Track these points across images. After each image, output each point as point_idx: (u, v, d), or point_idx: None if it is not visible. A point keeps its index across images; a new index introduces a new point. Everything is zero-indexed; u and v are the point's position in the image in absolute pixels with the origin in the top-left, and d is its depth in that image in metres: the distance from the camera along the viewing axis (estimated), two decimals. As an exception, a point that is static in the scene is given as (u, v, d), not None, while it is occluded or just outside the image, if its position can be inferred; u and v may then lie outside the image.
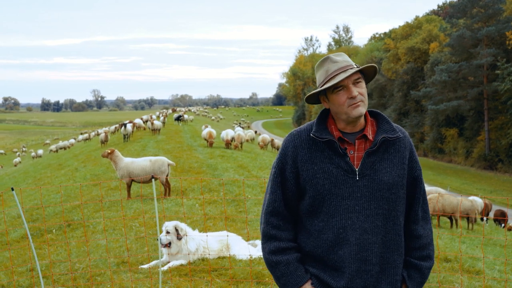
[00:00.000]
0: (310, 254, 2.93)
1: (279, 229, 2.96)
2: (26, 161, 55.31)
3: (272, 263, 2.94)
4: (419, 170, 3.02)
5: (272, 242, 2.95)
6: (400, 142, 2.94)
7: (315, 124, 2.96)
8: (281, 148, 3.01)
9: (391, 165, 2.88)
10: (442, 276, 7.48)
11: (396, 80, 76.57)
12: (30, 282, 7.40)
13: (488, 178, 52.30)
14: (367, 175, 2.84)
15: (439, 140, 67.12)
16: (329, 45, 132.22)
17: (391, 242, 2.88)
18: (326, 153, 2.88)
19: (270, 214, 2.97)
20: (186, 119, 57.29)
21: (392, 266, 2.89)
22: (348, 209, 2.82)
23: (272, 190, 2.99)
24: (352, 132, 2.92)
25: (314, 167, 2.87)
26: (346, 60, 2.93)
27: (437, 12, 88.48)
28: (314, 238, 2.89)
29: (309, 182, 2.87)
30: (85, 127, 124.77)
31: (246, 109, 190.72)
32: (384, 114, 3.05)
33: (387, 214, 2.85)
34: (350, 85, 2.84)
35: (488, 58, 55.79)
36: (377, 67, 2.98)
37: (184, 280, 7.06)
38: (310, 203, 2.89)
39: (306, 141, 2.93)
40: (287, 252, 2.93)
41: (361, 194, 2.83)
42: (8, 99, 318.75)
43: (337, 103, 2.87)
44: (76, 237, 10.20)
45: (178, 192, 13.97)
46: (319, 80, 2.96)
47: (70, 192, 15.95)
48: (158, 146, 27.98)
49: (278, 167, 2.97)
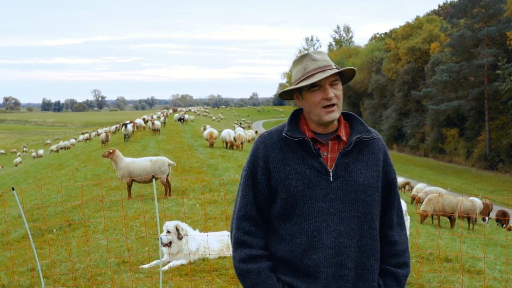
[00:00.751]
0: (282, 260, 2.79)
1: (251, 235, 2.82)
2: (26, 161, 55.34)
3: (242, 271, 2.79)
4: (393, 174, 2.93)
5: (242, 249, 2.80)
6: (374, 144, 2.85)
7: (287, 124, 2.85)
8: (252, 150, 2.88)
9: (366, 167, 2.78)
10: (442, 276, 7.48)
11: (397, 80, 76.63)
12: (30, 282, 7.40)
13: (489, 178, 52.33)
14: (341, 176, 2.73)
15: (439, 140, 67.17)
16: (329, 45, 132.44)
17: (367, 247, 2.76)
18: (298, 153, 2.77)
19: (241, 219, 2.84)
20: (186, 119, 57.29)
21: (368, 272, 2.78)
22: (322, 211, 2.70)
23: (243, 194, 2.85)
24: (325, 133, 2.83)
25: (286, 168, 2.75)
26: (326, 59, 2.81)
27: (438, 12, 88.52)
28: (287, 242, 2.76)
29: (281, 183, 2.75)
30: (85, 127, 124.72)
31: (247, 109, 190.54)
32: (358, 116, 2.94)
33: (362, 217, 2.74)
34: (327, 86, 2.74)
35: (489, 58, 55.85)
36: (355, 70, 2.85)
37: (184, 280, 7.06)
38: (283, 206, 2.76)
39: (278, 141, 2.81)
40: (258, 260, 2.79)
41: (336, 196, 2.71)
42: (9, 99, 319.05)
43: (311, 103, 2.76)
44: (77, 237, 10.20)
45: (178, 192, 13.97)
46: (295, 77, 2.84)
47: (71, 192, 15.95)
48: (158, 146, 27.97)
49: (249, 169, 2.85)
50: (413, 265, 8.09)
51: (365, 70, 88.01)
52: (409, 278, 7.40)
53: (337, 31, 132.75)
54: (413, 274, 7.53)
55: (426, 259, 8.64)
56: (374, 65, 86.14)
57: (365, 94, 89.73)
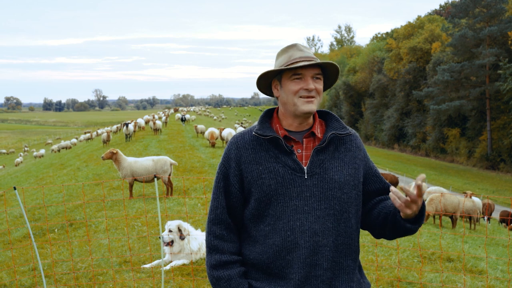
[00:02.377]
0: (255, 263, 2.71)
1: (222, 239, 2.74)
2: (28, 161, 55.36)
3: (213, 278, 2.72)
4: (373, 163, 2.90)
5: (213, 255, 2.73)
6: (351, 141, 2.81)
7: (258, 123, 2.81)
8: (224, 152, 2.83)
9: (342, 164, 2.72)
10: (445, 276, 7.47)
11: (398, 80, 76.54)
12: (32, 282, 7.40)
13: (490, 178, 52.26)
14: (316, 173, 2.67)
15: (441, 140, 67.11)
16: (331, 45, 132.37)
17: (343, 246, 2.68)
18: (271, 152, 2.70)
19: (212, 223, 2.77)
20: (188, 119, 57.36)
21: (345, 272, 2.69)
22: (297, 210, 2.62)
23: (214, 197, 2.79)
24: (299, 130, 2.78)
25: (259, 167, 2.69)
26: (312, 54, 2.76)
27: (439, 12, 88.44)
28: (260, 244, 2.68)
29: (254, 183, 2.68)
30: (87, 127, 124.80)
31: (248, 109, 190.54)
32: (335, 114, 2.92)
33: (339, 215, 2.66)
34: (308, 77, 2.69)
35: (490, 58, 55.75)
36: (339, 69, 2.81)
37: (186, 280, 7.06)
38: (256, 207, 2.69)
39: (250, 141, 2.76)
40: (229, 266, 2.72)
41: (311, 193, 2.64)
42: (10, 99, 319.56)
43: (290, 91, 2.70)
44: (78, 236, 10.20)
45: (180, 191, 13.97)
46: (278, 65, 2.79)
47: (72, 192, 15.94)
48: (160, 146, 27.99)
49: (221, 172, 2.79)
50: (415, 265, 8.09)
51: (366, 70, 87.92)
52: (411, 277, 7.40)
53: (339, 31, 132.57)
54: (415, 274, 7.53)
55: (428, 259, 8.63)
56: (375, 65, 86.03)
57: (367, 94, 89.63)
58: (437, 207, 16.40)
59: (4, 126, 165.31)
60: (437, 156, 68.20)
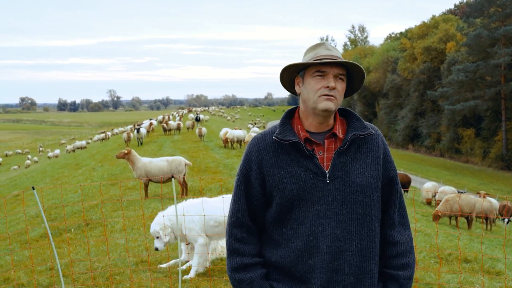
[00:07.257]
0: (276, 266, 2.70)
1: (243, 242, 2.74)
2: (42, 161, 55.72)
3: (234, 281, 2.72)
4: (394, 171, 2.82)
5: (234, 258, 2.73)
6: (373, 140, 2.76)
7: (278, 126, 2.75)
8: (245, 154, 2.79)
9: (364, 166, 2.68)
10: (462, 277, 7.43)
11: (413, 80, 76.18)
12: (50, 281, 7.45)
13: (506, 179, 51.86)
14: (338, 177, 2.63)
15: (456, 140, 66.69)
16: (344, 45, 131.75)
17: (367, 250, 2.65)
18: (293, 156, 2.66)
19: (233, 226, 2.77)
20: (202, 119, 57.51)
21: (368, 276, 2.67)
22: (319, 215, 2.60)
23: (235, 199, 2.77)
24: (320, 132, 2.74)
25: (280, 171, 2.65)
26: (339, 55, 2.74)
27: (454, 12, 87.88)
28: (282, 248, 2.67)
29: (276, 188, 2.66)
30: (101, 127, 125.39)
31: (262, 109, 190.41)
32: (356, 112, 2.87)
33: (362, 219, 2.63)
34: (331, 76, 2.65)
35: (506, 58, 55.31)
36: (364, 73, 2.79)
37: (203, 280, 7.07)
38: (278, 211, 2.67)
39: (271, 144, 2.71)
40: (251, 269, 2.71)
41: (333, 198, 2.61)
42: (25, 99, 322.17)
43: (311, 89, 2.67)
44: (95, 236, 10.25)
45: (195, 191, 14.00)
46: (304, 61, 2.75)
47: (88, 192, 16.04)
48: (174, 146, 28.10)
49: (242, 174, 2.76)
50: (433, 266, 8.05)
51: (380, 70, 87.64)
52: (428, 278, 7.37)
53: (352, 31, 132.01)
54: (432, 275, 7.50)
55: (445, 259, 8.59)
56: (389, 65, 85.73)
57: (381, 94, 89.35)
58: (453, 208, 16.31)
59: (19, 126, 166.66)
60: (451, 156, 67.79)
